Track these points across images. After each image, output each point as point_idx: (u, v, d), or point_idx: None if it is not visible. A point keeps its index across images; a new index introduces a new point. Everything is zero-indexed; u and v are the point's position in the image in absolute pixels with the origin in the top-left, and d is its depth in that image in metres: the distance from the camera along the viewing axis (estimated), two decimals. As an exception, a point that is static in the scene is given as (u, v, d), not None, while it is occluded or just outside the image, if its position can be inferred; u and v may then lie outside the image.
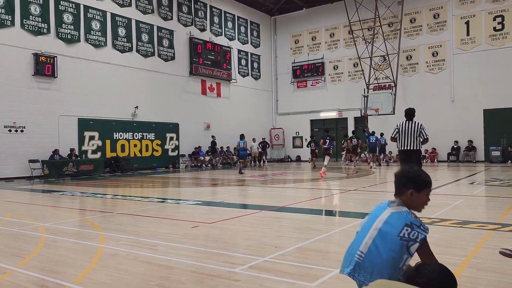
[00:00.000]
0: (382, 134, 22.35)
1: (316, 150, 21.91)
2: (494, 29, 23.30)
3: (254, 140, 26.88)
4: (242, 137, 18.60)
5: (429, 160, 24.20)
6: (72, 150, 18.27)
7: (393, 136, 8.13)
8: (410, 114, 8.08)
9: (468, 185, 11.58)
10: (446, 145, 24.35)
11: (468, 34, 24.07)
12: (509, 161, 21.97)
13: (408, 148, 7.91)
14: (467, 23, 24.11)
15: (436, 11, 25.14)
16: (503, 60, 22.84)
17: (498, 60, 23.02)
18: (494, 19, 23.33)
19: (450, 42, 24.60)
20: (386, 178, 14.67)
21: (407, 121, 8.02)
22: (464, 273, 3.68)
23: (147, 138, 22.21)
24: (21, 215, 7.83)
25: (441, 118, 24.19)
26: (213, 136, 25.06)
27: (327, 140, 17.47)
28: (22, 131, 17.06)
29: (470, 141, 23.54)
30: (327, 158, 16.43)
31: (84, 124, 19.24)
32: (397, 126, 8.10)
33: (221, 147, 25.98)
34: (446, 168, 18.30)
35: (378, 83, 26.05)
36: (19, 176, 16.80)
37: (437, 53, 25.06)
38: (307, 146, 23.25)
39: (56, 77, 18.08)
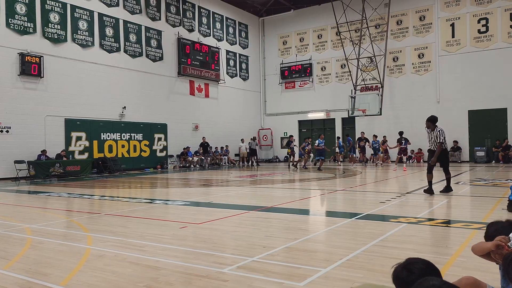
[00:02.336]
0: (347, 135, 22.75)
1: (288, 151, 23.25)
2: (479, 31, 23.67)
3: (242, 140, 26.95)
4: (317, 136, 21.35)
5: (415, 160, 24.48)
6: (62, 151, 18.14)
7: (444, 141, 9.22)
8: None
9: (453, 185, 11.73)
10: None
11: (453, 36, 24.42)
12: (493, 161, 22.33)
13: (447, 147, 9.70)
14: (452, 25, 24.45)
15: (422, 13, 25.44)
16: (488, 62, 23.21)
17: (482, 62, 23.39)
18: (479, 22, 23.70)
19: (435, 44, 24.91)
20: (370, 179, 14.79)
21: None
22: (450, 272, 3.74)
23: (135, 139, 22.07)
24: (6, 216, 7.73)
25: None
26: (203, 138, 25.09)
27: (402, 141, 19.73)
28: (7, 131, 16.82)
29: (455, 142, 23.86)
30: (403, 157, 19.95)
31: (71, 125, 19.05)
32: (443, 131, 9.23)
33: (210, 147, 25.98)
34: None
35: (365, 84, 26.27)
36: (5, 177, 16.56)
37: (423, 55, 25.36)
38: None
39: (43, 77, 17.88)
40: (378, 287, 1.77)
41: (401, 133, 20.26)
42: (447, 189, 9.49)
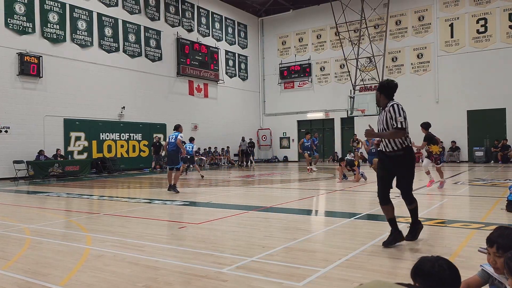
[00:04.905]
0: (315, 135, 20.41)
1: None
2: (478, 31, 23.70)
3: (243, 139, 26.97)
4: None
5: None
6: (57, 150, 18.06)
7: (404, 123, 5.22)
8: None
9: (452, 185, 11.77)
10: (431, 145, 24.61)
11: (452, 36, 24.45)
12: (492, 161, 22.34)
13: None
14: (451, 25, 24.48)
15: (421, 13, 25.47)
16: (486, 62, 23.24)
17: (481, 62, 23.42)
18: (478, 22, 23.73)
19: (434, 44, 24.94)
20: (369, 179, 14.80)
21: None
22: (448, 271, 3.74)
23: (134, 139, 22.06)
24: (5, 216, 7.72)
25: (426, 119, 24.08)
26: (155, 137, 22.71)
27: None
28: (6, 131, 16.80)
29: (453, 142, 23.89)
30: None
31: (70, 125, 19.03)
32: (401, 106, 5.41)
33: (209, 148, 25.98)
34: (431, 168, 18.51)
35: (364, 84, 26.27)
36: (3, 177, 16.54)
37: (422, 55, 25.38)
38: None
39: (42, 77, 17.86)
40: (388, 284, 1.78)
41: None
42: (413, 235, 5.05)
